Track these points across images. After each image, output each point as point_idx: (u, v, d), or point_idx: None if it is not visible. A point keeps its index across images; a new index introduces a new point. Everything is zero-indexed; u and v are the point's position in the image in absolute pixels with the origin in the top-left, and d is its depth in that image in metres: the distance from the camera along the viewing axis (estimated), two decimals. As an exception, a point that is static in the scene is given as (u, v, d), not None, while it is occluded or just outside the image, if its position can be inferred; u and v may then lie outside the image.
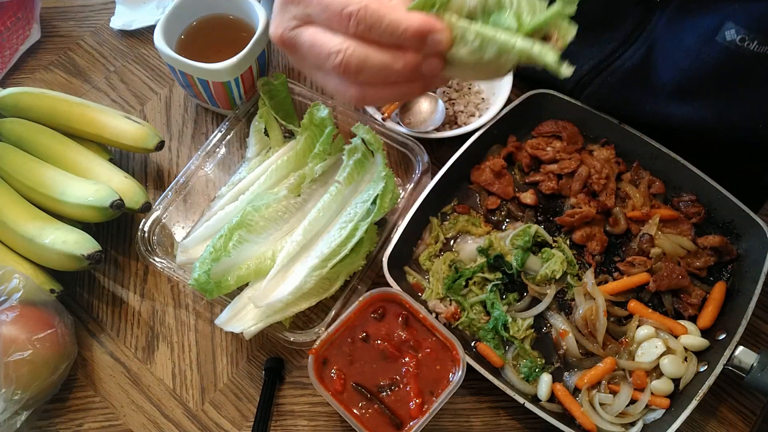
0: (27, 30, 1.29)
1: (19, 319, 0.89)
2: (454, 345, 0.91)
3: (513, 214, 1.11)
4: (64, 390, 0.98)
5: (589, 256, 1.07)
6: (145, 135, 1.08)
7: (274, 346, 1.02)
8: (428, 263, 1.06)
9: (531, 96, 1.14)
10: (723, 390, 1.00)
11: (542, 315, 1.02)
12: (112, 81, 1.27)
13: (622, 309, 1.03)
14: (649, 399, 0.94)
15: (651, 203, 1.11)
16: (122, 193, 1.00)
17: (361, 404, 0.89)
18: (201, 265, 0.92)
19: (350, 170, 1.04)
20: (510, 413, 0.98)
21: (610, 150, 1.14)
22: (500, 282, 1.03)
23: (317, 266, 0.96)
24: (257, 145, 1.13)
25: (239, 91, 1.13)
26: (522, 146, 1.16)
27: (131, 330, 1.04)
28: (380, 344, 0.92)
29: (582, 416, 0.93)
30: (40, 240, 0.95)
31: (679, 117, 1.06)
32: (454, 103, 1.19)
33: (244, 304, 0.95)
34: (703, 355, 0.98)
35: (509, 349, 1.00)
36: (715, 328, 1.00)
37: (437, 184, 1.06)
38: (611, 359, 0.97)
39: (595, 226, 1.08)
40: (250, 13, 1.14)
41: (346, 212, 1.02)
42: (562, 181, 1.12)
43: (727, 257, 1.06)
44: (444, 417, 0.97)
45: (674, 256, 1.05)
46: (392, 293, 0.94)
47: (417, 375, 0.91)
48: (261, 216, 1.00)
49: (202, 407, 0.98)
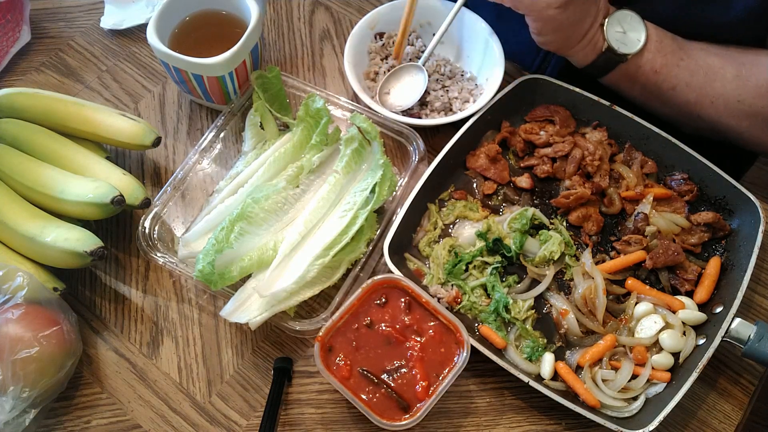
0: (17, 32, 1.28)
1: (25, 317, 0.89)
2: (457, 327, 0.92)
3: (509, 198, 1.13)
4: (71, 388, 0.98)
5: (585, 237, 1.09)
6: (141, 132, 1.08)
7: (278, 337, 1.03)
8: (428, 249, 1.07)
9: (523, 81, 1.16)
10: (721, 362, 1.02)
11: (542, 296, 1.04)
12: (104, 80, 1.27)
13: (620, 287, 1.04)
14: (650, 373, 0.96)
15: (644, 183, 1.13)
16: (121, 189, 1.00)
17: (368, 389, 0.90)
18: (204, 257, 0.92)
19: (348, 160, 1.05)
20: (514, 393, 0.99)
21: (602, 132, 1.16)
22: (500, 265, 1.04)
23: (319, 255, 0.97)
24: (253, 139, 1.13)
25: (234, 85, 1.13)
26: (516, 131, 1.17)
27: (135, 326, 1.04)
28: (384, 330, 0.93)
29: (585, 393, 0.94)
30: (41, 239, 0.96)
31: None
32: (448, 89, 1.20)
33: (249, 294, 0.96)
34: (701, 328, 1.00)
35: (511, 331, 1.01)
36: (711, 302, 1.02)
37: (434, 171, 1.08)
38: (612, 336, 0.98)
39: (590, 207, 1.10)
40: (241, 8, 1.15)
41: (345, 201, 1.03)
42: (556, 164, 1.14)
43: (721, 233, 1.08)
44: (450, 399, 0.98)
45: (669, 234, 1.07)
46: (394, 279, 0.95)
47: (422, 358, 0.92)
48: (261, 208, 1.01)
49: (210, 399, 0.99)
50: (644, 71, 1.10)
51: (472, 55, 1.24)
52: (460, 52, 1.26)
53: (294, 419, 0.97)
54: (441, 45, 1.27)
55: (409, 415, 0.88)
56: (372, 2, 1.37)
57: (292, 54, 1.31)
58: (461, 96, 1.19)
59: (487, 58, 1.20)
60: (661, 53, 1.09)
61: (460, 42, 1.25)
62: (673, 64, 1.09)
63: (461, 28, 1.23)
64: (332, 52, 1.31)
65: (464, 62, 1.25)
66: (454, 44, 1.26)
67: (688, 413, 0.98)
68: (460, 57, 1.26)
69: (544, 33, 1.08)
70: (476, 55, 1.23)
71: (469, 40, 1.23)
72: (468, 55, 1.25)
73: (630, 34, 1.08)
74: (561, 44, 1.10)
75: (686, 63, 1.10)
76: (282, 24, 1.35)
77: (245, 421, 0.97)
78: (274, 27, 1.34)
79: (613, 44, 1.08)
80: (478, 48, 1.22)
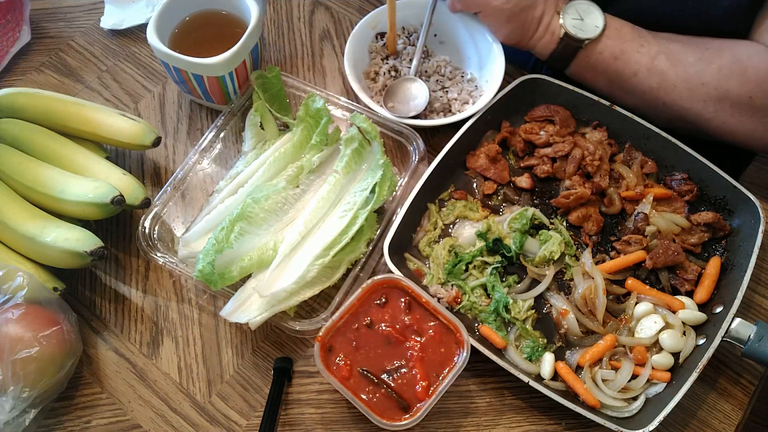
0: (17, 32, 1.28)
1: (25, 316, 0.89)
2: (457, 327, 0.92)
3: (509, 198, 1.13)
4: (71, 388, 0.98)
5: (585, 237, 1.09)
6: (141, 132, 1.08)
7: (279, 337, 1.03)
8: (428, 249, 1.07)
9: (523, 82, 1.16)
10: (721, 362, 1.02)
11: (542, 296, 1.04)
12: (104, 80, 1.27)
13: (620, 287, 1.04)
14: (650, 373, 0.96)
15: (644, 183, 1.13)
16: (121, 189, 1.00)
17: (368, 389, 0.90)
18: (204, 256, 0.92)
19: (348, 160, 1.05)
20: (514, 393, 0.99)
21: (602, 132, 1.16)
22: (500, 265, 1.04)
23: (319, 255, 0.97)
24: (253, 139, 1.13)
25: (233, 85, 1.13)
26: (516, 131, 1.17)
27: (135, 326, 1.04)
28: (384, 330, 0.93)
29: (585, 392, 0.94)
30: (41, 239, 0.96)
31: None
32: (448, 90, 1.20)
33: (249, 294, 0.96)
34: (701, 328, 1.00)
35: (511, 331, 1.01)
36: (711, 302, 1.02)
37: (434, 171, 1.08)
38: (612, 336, 0.98)
39: (590, 207, 1.10)
40: (241, 8, 1.15)
41: (345, 201, 1.03)
42: (556, 164, 1.14)
43: (721, 233, 1.08)
44: (450, 399, 0.98)
45: (669, 234, 1.07)
46: (394, 279, 0.95)
47: (422, 358, 0.92)
48: (261, 208, 1.01)
49: (210, 399, 0.99)
50: (604, 58, 1.12)
51: (472, 57, 1.24)
52: (461, 53, 1.26)
53: (294, 419, 0.97)
54: (441, 45, 1.27)
55: (409, 415, 0.88)
56: (372, 2, 1.37)
57: (292, 54, 1.31)
58: (461, 97, 1.19)
59: (488, 59, 1.20)
60: (620, 40, 1.11)
61: (461, 43, 1.25)
62: (632, 50, 1.11)
63: (462, 29, 1.23)
64: (332, 52, 1.31)
65: (465, 63, 1.25)
66: (455, 45, 1.26)
67: (688, 413, 0.98)
68: (460, 58, 1.26)
69: (498, 27, 1.14)
70: (477, 56, 1.23)
71: (470, 41, 1.23)
72: (468, 56, 1.25)
73: (587, 21, 1.12)
74: (519, 35, 1.14)
75: (646, 49, 1.11)
76: (282, 24, 1.35)
77: (245, 421, 0.97)
78: (274, 27, 1.34)
79: (570, 30, 1.11)
80: (478, 49, 1.22)
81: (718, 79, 1.08)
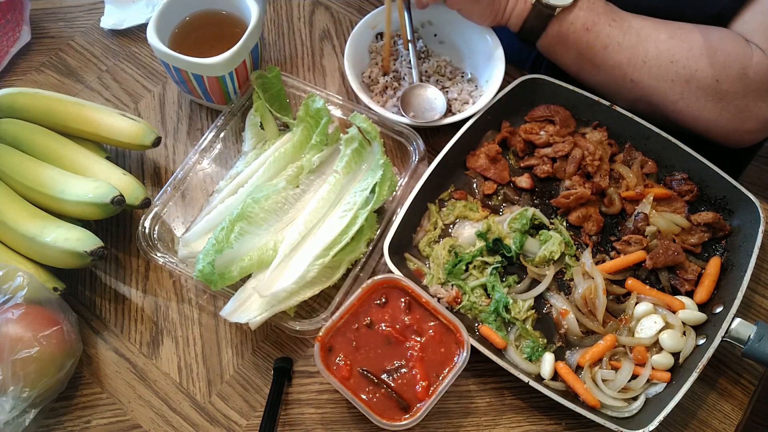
0: (17, 32, 1.28)
1: (25, 316, 0.89)
2: (457, 327, 0.92)
3: (509, 198, 1.13)
4: (71, 388, 0.98)
5: (585, 237, 1.09)
6: (141, 132, 1.08)
7: (279, 337, 1.03)
8: (428, 249, 1.07)
9: (523, 82, 1.16)
10: (721, 362, 1.02)
11: (542, 296, 1.04)
12: (104, 80, 1.27)
13: (620, 287, 1.04)
14: (650, 373, 0.96)
15: (644, 183, 1.13)
16: (121, 189, 1.00)
17: (368, 389, 0.90)
18: (204, 256, 0.93)
19: (348, 160, 1.05)
20: (514, 393, 0.99)
21: (602, 132, 1.16)
22: (500, 265, 1.04)
23: (319, 255, 0.97)
24: (253, 139, 1.13)
25: (234, 85, 1.13)
26: (516, 131, 1.17)
27: (135, 326, 1.04)
28: (384, 330, 0.93)
29: (585, 393, 0.94)
30: (41, 238, 0.96)
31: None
32: (448, 91, 1.20)
33: (249, 294, 0.96)
34: (701, 328, 1.00)
35: (511, 331, 1.01)
36: (711, 302, 1.02)
37: (434, 171, 1.08)
38: (612, 336, 0.98)
39: (590, 207, 1.10)
40: (241, 8, 1.15)
41: (345, 201, 1.03)
42: (556, 164, 1.14)
43: (721, 233, 1.08)
44: (450, 399, 0.98)
45: (669, 234, 1.07)
46: (394, 279, 0.95)
47: (422, 358, 0.92)
48: (261, 208, 1.01)
49: (210, 399, 0.99)
50: (576, 28, 1.11)
51: (472, 57, 1.24)
52: (461, 53, 1.25)
53: (294, 419, 0.97)
54: (441, 45, 1.27)
55: (409, 415, 0.88)
56: (372, 2, 1.37)
57: (292, 54, 1.31)
58: (461, 97, 1.19)
59: (488, 59, 1.20)
60: (593, 12, 1.11)
61: (461, 43, 1.25)
62: (604, 23, 1.11)
63: (462, 29, 1.23)
64: (332, 52, 1.31)
65: (465, 63, 1.25)
66: (455, 45, 1.26)
67: (688, 413, 0.98)
68: (460, 58, 1.26)
69: (469, 11, 1.15)
70: (477, 56, 1.23)
71: (470, 41, 1.23)
72: (468, 56, 1.25)
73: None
74: (492, 12, 1.14)
75: (618, 24, 1.11)
76: (282, 24, 1.35)
77: (245, 421, 0.97)
78: (274, 27, 1.34)
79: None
80: (478, 49, 1.22)
81: (687, 58, 1.08)
